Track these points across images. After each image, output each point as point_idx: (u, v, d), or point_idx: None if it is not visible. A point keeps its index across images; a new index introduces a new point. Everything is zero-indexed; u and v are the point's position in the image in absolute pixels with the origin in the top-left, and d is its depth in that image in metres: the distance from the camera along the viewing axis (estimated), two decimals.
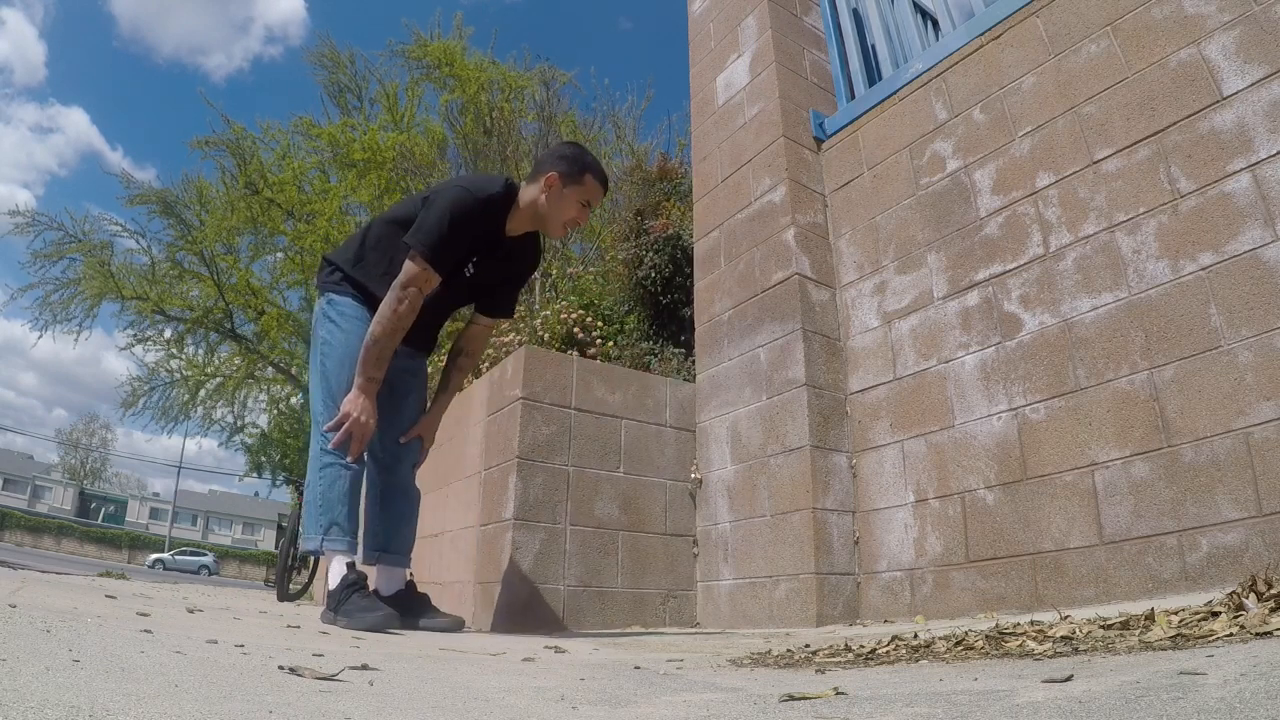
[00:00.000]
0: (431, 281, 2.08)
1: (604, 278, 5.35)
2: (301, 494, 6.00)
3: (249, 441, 15.03)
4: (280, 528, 9.83)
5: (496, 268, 2.29)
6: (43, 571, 3.93)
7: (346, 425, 2.05)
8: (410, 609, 2.13)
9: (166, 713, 0.56)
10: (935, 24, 3.14)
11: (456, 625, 2.15)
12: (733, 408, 2.89)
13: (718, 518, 2.83)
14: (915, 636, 1.40)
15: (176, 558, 33.23)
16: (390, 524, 2.27)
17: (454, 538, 3.08)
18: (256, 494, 50.83)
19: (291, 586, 5.02)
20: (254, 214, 12.08)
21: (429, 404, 2.42)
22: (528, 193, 2.20)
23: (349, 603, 1.88)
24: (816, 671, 1.13)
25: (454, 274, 2.18)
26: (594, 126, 10.99)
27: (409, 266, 2.05)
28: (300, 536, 2.26)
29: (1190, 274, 1.82)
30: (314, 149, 12.27)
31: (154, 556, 32.62)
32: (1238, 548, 1.61)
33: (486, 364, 3.82)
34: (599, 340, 4.38)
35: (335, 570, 1.98)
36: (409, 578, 2.28)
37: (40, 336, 12.79)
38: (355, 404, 2.05)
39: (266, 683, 0.76)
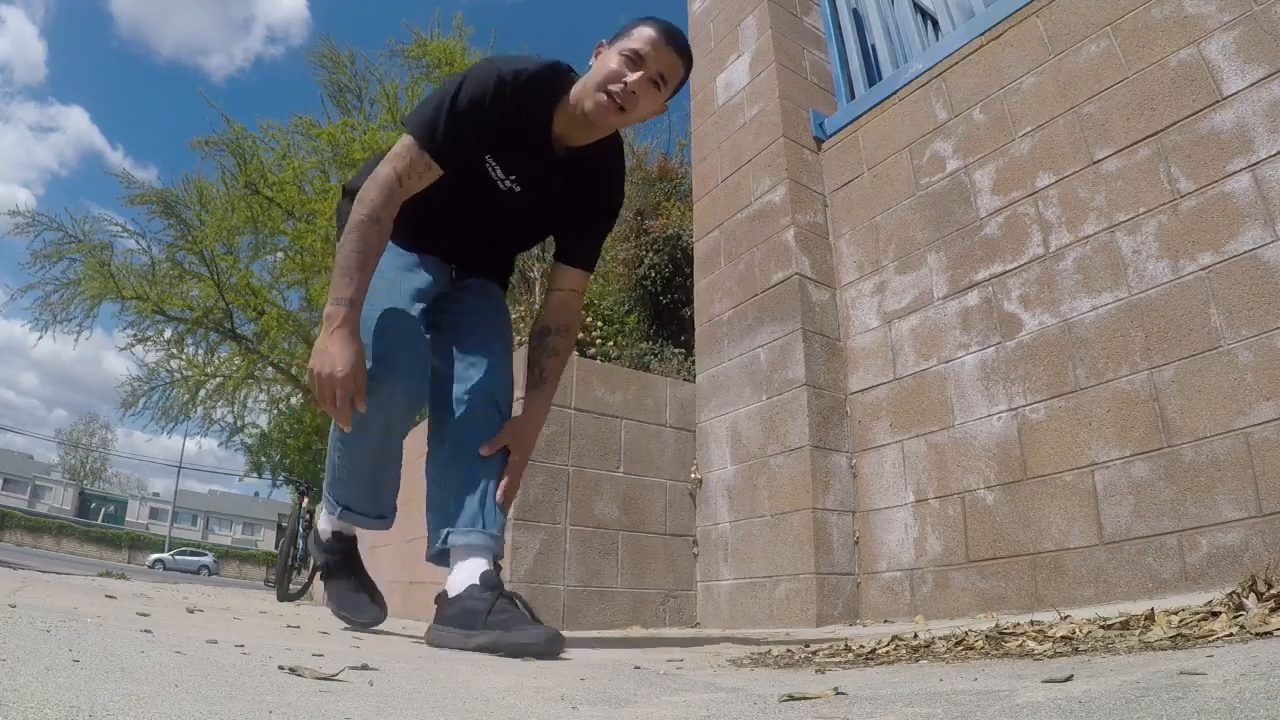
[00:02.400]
0: (417, 167, 1.54)
1: (604, 278, 5.35)
2: (301, 494, 6.03)
3: (249, 441, 15.02)
4: (280, 528, 9.83)
5: (555, 187, 1.69)
6: (43, 571, 3.92)
7: (320, 390, 1.43)
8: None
9: (166, 713, 0.56)
10: (935, 24, 3.14)
11: (552, 645, 1.38)
12: (733, 408, 2.89)
13: (718, 518, 2.83)
14: (915, 636, 1.40)
15: (176, 558, 33.25)
16: (453, 494, 1.58)
17: None
18: (256, 494, 50.88)
19: (291, 586, 5.03)
20: (254, 214, 12.06)
21: (527, 399, 1.77)
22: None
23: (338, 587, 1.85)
24: (816, 671, 1.13)
25: (478, 178, 1.62)
26: None
27: (395, 146, 1.57)
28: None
29: (1190, 274, 1.82)
30: (314, 149, 12.26)
31: (154, 556, 32.64)
32: (1238, 548, 1.61)
33: None
34: (599, 340, 4.39)
35: (322, 523, 1.89)
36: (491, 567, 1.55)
37: (40, 337, 12.73)
38: (317, 357, 1.43)
39: (267, 683, 0.76)
